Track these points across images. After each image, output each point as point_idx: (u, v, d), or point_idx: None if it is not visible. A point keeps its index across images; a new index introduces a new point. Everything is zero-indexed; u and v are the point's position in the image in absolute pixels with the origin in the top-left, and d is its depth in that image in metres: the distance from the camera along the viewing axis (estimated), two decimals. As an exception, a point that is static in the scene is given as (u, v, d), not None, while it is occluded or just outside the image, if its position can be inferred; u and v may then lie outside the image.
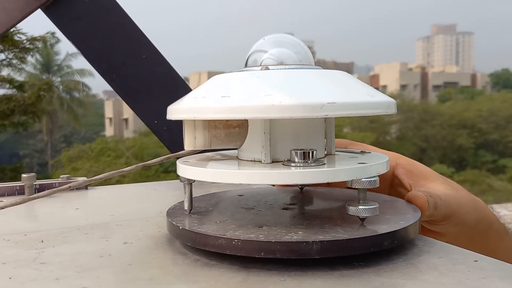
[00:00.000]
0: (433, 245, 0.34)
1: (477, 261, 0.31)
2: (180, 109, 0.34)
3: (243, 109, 0.31)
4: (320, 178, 0.31)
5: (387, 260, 0.31)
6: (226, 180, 0.32)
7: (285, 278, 0.29)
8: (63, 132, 22.96)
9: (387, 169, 0.35)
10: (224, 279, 0.29)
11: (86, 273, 0.30)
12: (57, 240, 0.38)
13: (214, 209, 0.39)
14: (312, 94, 0.31)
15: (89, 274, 0.30)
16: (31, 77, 15.62)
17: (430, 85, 39.21)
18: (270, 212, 0.37)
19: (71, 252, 0.35)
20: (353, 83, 0.35)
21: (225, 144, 0.37)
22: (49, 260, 0.33)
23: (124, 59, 0.68)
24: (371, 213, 0.32)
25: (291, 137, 0.36)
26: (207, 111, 0.32)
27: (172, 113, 0.35)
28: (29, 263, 0.33)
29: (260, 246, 0.30)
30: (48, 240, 0.38)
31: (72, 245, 0.37)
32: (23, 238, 0.39)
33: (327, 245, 0.29)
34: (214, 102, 0.32)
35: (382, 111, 0.33)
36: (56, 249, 0.36)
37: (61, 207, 0.53)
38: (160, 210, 0.48)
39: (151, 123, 0.70)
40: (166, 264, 0.32)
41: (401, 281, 0.28)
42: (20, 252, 0.35)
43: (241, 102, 0.31)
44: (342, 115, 0.31)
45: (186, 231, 0.33)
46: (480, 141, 17.35)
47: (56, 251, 0.35)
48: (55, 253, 0.35)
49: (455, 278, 0.28)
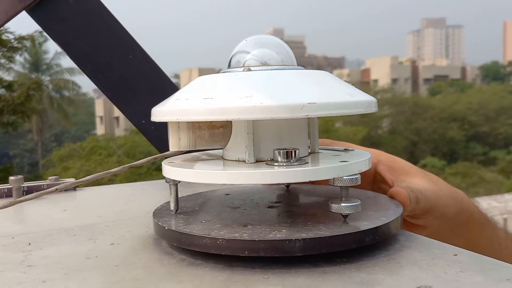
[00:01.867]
0: (414, 240, 0.35)
1: (456, 255, 0.32)
2: (164, 111, 0.35)
3: (225, 110, 0.31)
4: (302, 177, 0.31)
5: (369, 255, 0.32)
6: (210, 181, 0.33)
7: (268, 276, 0.29)
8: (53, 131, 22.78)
9: (369, 166, 0.36)
10: (209, 278, 0.29)
11: (72, 275, 0.31)
12: (44, 243, 0.38)
13: (201, 209, 0.39)
14: (293, 95, 0.31)
15: (76, 276, 0.31)
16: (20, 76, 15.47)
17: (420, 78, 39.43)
18: (255, 210, 0.38)
19: (58, 254, 0.35)
20: (334, 83, 0.35)
21: (209, 145, 0.38)
22: (36, 263, 0.33)
23: (110, 60, 0.68)
24: (353, 210, 0.33)
25: (274, 136, 0.36)
26: (190, 113, 0.32)
27: (156, 115, 0.36)
28: (16, 266, 0.33)
29: (244, 245, 0.30)
30: (36, 242, 0.38)
31: (59, 247, 0.37)
32: (11, 241, 0.39)
33: (309, 243, 0.30)
34: (197, 104, 0.32)
35: (362, 110, 0.34)
36: (43, 251, 0.36)
37: (49, 209, 0.53)
38: (147, 210, 0.48)
39: (138, 123, 0.70)
40: (152, 265, 0.32)
41: (381, 277, 0.28)
42: (7, 255, 0.35)
43: (223, 103, 0.31)
44: (322, 115, 0.31)
45: (171, 231, 0.33)
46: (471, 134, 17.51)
47: (43, 254, 0.36)
48: (42, 256, 0.35)
49: (433, 272, 0.29)
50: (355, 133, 14.61)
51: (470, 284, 0.27)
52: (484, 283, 0.27)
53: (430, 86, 30.58)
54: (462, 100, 18.49)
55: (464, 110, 17.68)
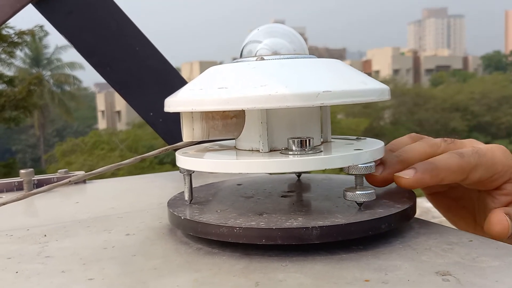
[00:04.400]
0: (428, 227, 0.35)
1: (471, 241, 0.32)
2: (178, 101, 0.35)
3: (240, 100, 0.31)
4: (318, 165, 0.32)
5: (385, 243, 0.32)
6: (226, 170, 0.33)
7: (286, 263, 0.29)
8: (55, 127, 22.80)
9: (383, 154, 0.36)
10: (227, 266, 0.30)
11: (91, 265, 0.31)
12: (59, 234, 0.39)
13: (214, 199, 0.39)
14: (308, 83, 0.31)
15: (94, 266, 0.31)
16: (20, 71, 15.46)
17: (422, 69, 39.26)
18: (269, 200, 0.38)
19: (74, 245, 0.36)
20: (347, 71, 0.35)
21: (222, 135, 0.38)
22: (53, 254, 0.34)
23: (117, 53, 0.68)
24: (368, 198, 0.33)
25: (287, 125, 0.36)
26: (205, 103, 0.32)
27: (170, 106, 0.36)
28: (33, 257, 0.33)
29: (261, 233, 0.30)
30: (51, 234, 0.39)
31: (74, 238, 0.38)
32: (26, 233, 0.40)
33: (326, 230, 0.30)
34: (211, 94, 0.32)
35: (376, 98, 0.34)
36: (59, 243, 0.36)
37: (61, 201, 0.53)
38: (159, 201, 0.49)
39: (146, 116, 0.70)
40: (169, 254, 0.33)
41: (398, 263, 0.29)
42: (24, 247, 0.36)
43: (238, 93, 0.31)
44: (337, 103, 0.31)
45: (188, 220, 0.33)
46: (473, 124, 17.46)
47: (60, 245, 0.36)
48: (58, 247, 0.35)
49: (450, 258, 0.29)
50: (357, 125, 14.59)
51: (487, 269, 0.27)
52: (502, 268, 0.27)
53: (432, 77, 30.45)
54: (464, 90, 18.42)
55: (466, 100, 17.63)
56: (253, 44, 0.38)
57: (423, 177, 0.35)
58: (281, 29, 0.38)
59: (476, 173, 0.36)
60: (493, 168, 0.37)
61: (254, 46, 0.38)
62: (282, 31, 0.38)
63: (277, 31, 0.38)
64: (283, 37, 0.38)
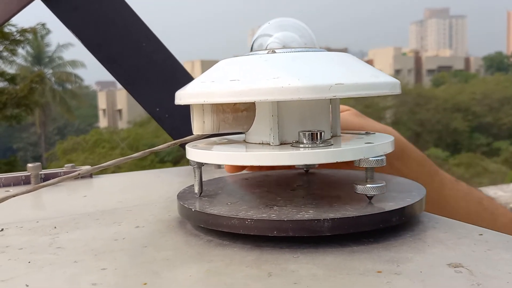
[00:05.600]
0: (438, 221, 0.35)
1: (482, 235, 0.32)
2: (189, 94, 0.35)
3: (252, 92, 0.31)
4: (329, 158, 0.32)
5: (396, 236, 0.32)
6: (236, 162, 0.33)
7: (298, 255, 0.30)
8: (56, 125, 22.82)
9: (393, 148, 0.36)
10: (239, 257, 0.30)
11: (103, 256, 0.31)
12: (69, 226, 0.39)
13: (223, 192, 0.39)
14: (320, 76, 0.32)
15: (106, 256, 0.31)
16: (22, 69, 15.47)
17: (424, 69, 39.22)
18: (279, 193, 0.38)
19: (85, 237, 0.36)
20: (358, 64, 0.35)
21: (233, 128, 0.38)
22: (64, 245, 0.34)
23: (124, 48, 0.68)
24: (379, 191, 0.33)
25: (298, 119, 0.36)
26: (217, 95, 0.32)
27: (181, 98, 0.36)
28: (45, 248, 0.33)
29: (273, 225, 0.30)
30: (61, 226, 0.39)
31: (85, 230, 0.38)
32: (36, 225, 0.40)
33: (337, 223, 0.30)
34: (224, 86, 0.32)
35: (388, 91, 0.34)
36: (70, 234, 0.37)
37: (69, 195, 0.53)
38: (167, 196, 0.49)
39: (153, 111, 0.70)
40: (180, 246, 0.33)
41: (409, 255, 0.29)
42: (34, 238, 0.36)
43: (250, 85, 0.31)
44: (350, 96, 0.31)
45: (198, 212, 0.34)
46: (475, 124, 17.44)
47: (70, 237, 0.36)
48: (69, 238, 0.36)
49: (461, 251, 0.29)
50: (358, 124, 14.54)
51: (499, 261, 0.27)
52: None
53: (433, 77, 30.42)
54: (466, 91, 18.40)
55: (468, 101, 17.60)
56: (264, 38, 0.38)
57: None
58: (292, 22, 0.39)
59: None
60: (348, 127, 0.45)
61: (265, 40, 0.38)
62: (292, 24, 0.38)
63: (287, 25, 0.38)
64: (294, 31, 0.38)
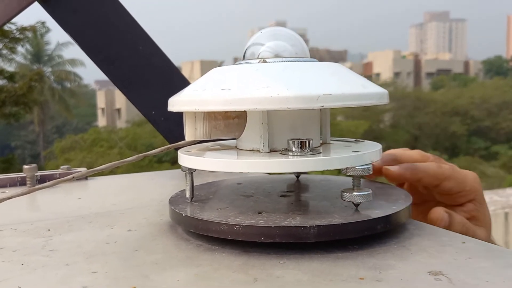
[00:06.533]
0: (423, 228, 0.36)
1: (464, 243, 0.33)
2: (182, 101, 0.36)
3: (242, 101, 0.32)
4: (317, 166, 0.32)
5: (380, 243, 0.33)
6: (227, 169, 0.34)
7: (284, 260, 0.30)
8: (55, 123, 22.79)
9: (380, 157, 0.37)
10: (227, 262, 0.30)
11: (94, 259, 0.32)
12: (63, 229, 0.40)
13: (214, 197, 0.40)
14: (308, 86, 0.32)
15: (98, 259, 0.32)
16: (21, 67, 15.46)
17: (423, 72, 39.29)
18: (268, 199, 0.39)
19: (78, 239, 0.37)
20: (348, 74, 0.36)
21: (224, 135, 0.39)
22: (57, 247, 0.35)
23: (120, 51, 0.69)
24: (365, 199, 0.34)
25: (288, 127, 0.37)
26: (208, 103, 0.33)
27: (174, 105, 0.37)
28: (38, 250, 0.34)
29: (261, 231, 0.31)
30: (55, 228, 0.40)
31: (78, 232, 0.38)
32: (30, 227, 0.40)
33: (323, 230, 0.31)
34: (215, 94, 0.33)
35: (375, 102, 0.34)
36: (63, 237, 0.37)
37: (64, 197, 0.54)
38: (160, 199, 0.49)
39: (148, 114, 0.71)
40: (170, 250, 0.33)
41: (393, 262, 0.30)
42: (28, 240, 0.37)
43: (240, 94, 0.32)
44: (337, 106, 0.32)
45: (189, 218, 0.34)
46: (473, 128, 17.47)
47: (63, 239, 0.37)
48: (62, 241, 0.36)
49: (443, 258, 0.30)
50: (357, 127, 14.59)
51: (479, 269, 0.28)
52: (493, 269, 0.28)
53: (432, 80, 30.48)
54: (465, 95, 18.44)
55: (467, 105, 17.64)
56: (256, 47, 0.39)
57: (404, 172, 0.42)
58: (284, 32, 0.39)
59: (448, 183, 0.43)
60: (463, 184, 0.44)
61: (256, 49, 0.39)
62: (284, 34, 0.39)
63: (279, 34, 0.39)
64: (285, 40, 0.39)
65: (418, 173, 0.43)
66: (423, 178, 0.43)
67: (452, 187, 0.44)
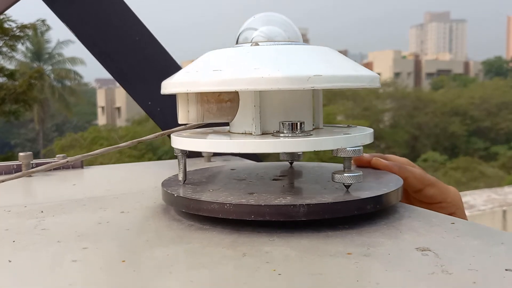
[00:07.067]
0: (413, 211, 0.37)
1: (453, 223, 0.33)
2: (173, 83, 0.36)
3: (233, 82, 0.32)
4: (308, 146, 0.33)
5: (371, 223, 0.33)
6: (219, 150, 0.34)
7: (274, 238, 0.31)
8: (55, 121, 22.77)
9: (371, 140, 0.37)
10: (217, 239, 0.31)
11: (85, 237, 0.32)
12: (56, 211, 0.40)
13: (208, 181, 0.40)
14: (300, 68, 0.33)
15: (89, 237, 0.32)
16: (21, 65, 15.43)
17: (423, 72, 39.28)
18: (260, 182, 0.39)
19: (70, 221, 0.37)
20: (339, 58, 0.36)
21: (217, 118, 0.39)
22: (49, 227, 0.35)
23: (117, 42, 0.69)
24: (356, 180, 0.34)
25: (280, 111, 0.37)
26: (200, 84, 0.33)
27: (166, 87, 0.37)
28: (30, 229, 0.34)
29: (251, 210, 0.31)
30: (48, 211, 0.40)
31: (70, 214, 0.39)
32: (23, 209, 0.41)
33: (313, 208, 0.31)
34: (206, 75, 0.34)
35: (366, 84, 0.35)
36: (55, 218, 0.38)
37: (58, 183, 0.54)
38: (154, 185, 0.50)
39: (145, 105, 0.71)
40: (161, 229, 0.34)
41: (381, 240, 0.30)
42: (21, 221, 0.37)
43: (232, 75, 0.32)
44: (327, 87, 0.32)
45: (180, 198, 0.35)
46: (473, 129, 17.47)
47: (56, 220, 0.37)
48: (55, 222, 0.37)
49: (431, 237, 0.30)
50: (356, 127, 14.56)
51: (466, 247, 0.28)
52: (480, 246, 0.28)
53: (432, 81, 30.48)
54: (464, 95, 18.43)
55: (466, 105, 17.63)
56: (249, 31, 0.39)
57: (392, 167, 0.44)
58: (277, 17, 0.40)
59: (431, 189, 0.45)
60: (445, 195, 0.45)
61: (250, 33, 0.39)
62: (277, 19, 0.39)
63: (273, 19, 0.39)
64: (278, 25, 0.39)
65: (405, 172, 0.44)
66: (409, 178, 0.44)
67: (434, 194, 0.45)
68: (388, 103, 17.55)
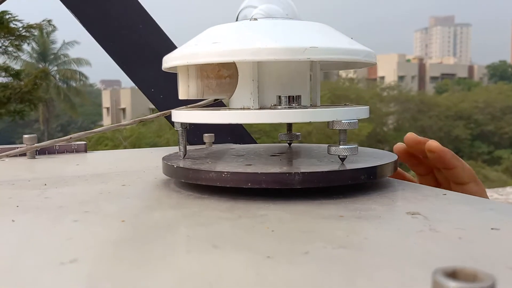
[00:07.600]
0: (408, 185, 0.37)
1: (445, 194, 0.34)
2: (173, 56, 0.37)
3: (231, 52, 0.33)
4: (304, 117, 0.34)
5: (364, 194, 0.34)
6: (219, 121, 0.35)
7: (269, 205, 0.31)
8: (59, 122, 22.87)
9: (367, 115, 0.38)
10: (214, 205, 0.32)
11: (86, 203, 0.33)
12: (59, 184, 0.41)
13: (207, 156, 0.41)
14: (296, 40, 0.33)
15: (90, 204, 0.33)
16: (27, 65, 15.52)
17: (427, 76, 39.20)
18: (258, 157, 0.40)
19: (72, 191, 0.38)
20: (336, 33, 0.37)
21: (216, 94, 0.40)
22: (52, 196, 0.36)
23: (120, 28, 0.70)
24: (351, 152, 0.35)
25: (278, 86, 0.38)
26: (199, 56, 0.34)
27: (167, 62, 0.38)
28: (33, 198, 0.35)
29: (247, 178, 0.32)
30: (51, 184, 0.41)
31: (73, 187, 0.40)
32: (27, 183, 0.42)
33: (308, 176, 0.32)
34: (205, 47, 0.34)
35: (361, 58, 0.35)
36: (58, 189, 0.39)
37: (62, 164, 0.55)
38: (156, 165, 0.51)
39: (147, 91, 0.72)
40: (161, 198, 0.35)
41: (374, 206, 0.31)
42: (25, 191, 0.38)
43: (230, 46, 0.33)
44: (323, 59, 0.33)
45: (180, 168, 0.36)
46: (476, 132, 17.41)
47: (59, 191, 0.38)
48: (57, 192, 0.38)
49: (422, 205, 0.31)
50: (360, 129, 14.56)
51: (455, 212, 0.29)
52: (469, 211, 0.29)
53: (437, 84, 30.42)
54: (469, 99, 18.38)
55: (470, 109, 17.58)
56: (249, 9, 0.40)
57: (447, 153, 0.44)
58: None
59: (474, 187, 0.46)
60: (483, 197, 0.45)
61: (249, 11, 0.40)
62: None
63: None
64: (277, 4, 0.40)
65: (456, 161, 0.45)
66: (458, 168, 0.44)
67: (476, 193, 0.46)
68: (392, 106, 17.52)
